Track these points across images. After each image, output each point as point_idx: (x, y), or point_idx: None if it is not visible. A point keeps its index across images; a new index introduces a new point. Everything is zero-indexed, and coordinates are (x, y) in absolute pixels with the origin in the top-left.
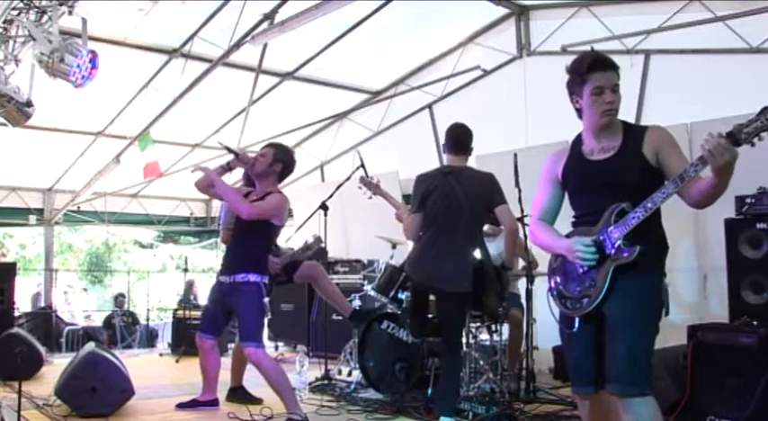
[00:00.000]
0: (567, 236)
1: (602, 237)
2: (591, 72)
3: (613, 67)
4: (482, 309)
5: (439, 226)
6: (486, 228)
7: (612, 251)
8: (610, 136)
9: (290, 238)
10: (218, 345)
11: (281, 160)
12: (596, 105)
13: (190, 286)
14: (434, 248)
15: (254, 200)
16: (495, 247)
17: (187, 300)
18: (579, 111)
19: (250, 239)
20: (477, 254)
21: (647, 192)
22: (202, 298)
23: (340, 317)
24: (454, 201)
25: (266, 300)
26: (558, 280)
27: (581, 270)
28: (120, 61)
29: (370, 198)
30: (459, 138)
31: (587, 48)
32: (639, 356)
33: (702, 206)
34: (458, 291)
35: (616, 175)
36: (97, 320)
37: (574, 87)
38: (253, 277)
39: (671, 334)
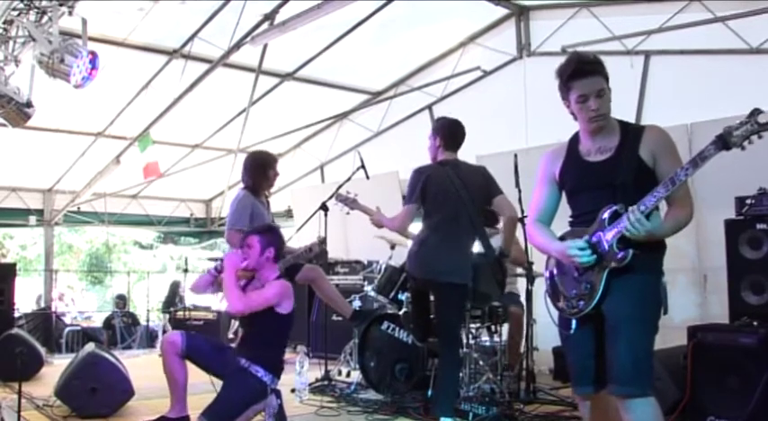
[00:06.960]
0: (562, 237)
1: (595, 239)
2: (573, 80)
3: (597, 72)
4: (482, 301)
5: (440, 217)
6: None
7: (606, 253)
8: (606, 136)
9: (291, 239)
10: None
11: (270, 244)
12: (583, 112)
13: (175, 288)
14: (435, 240)
15: (258, 287)
16: (495, 243)
17: (171, 303)
18: (574, 115)
19: (258, 329)
20: (478, 246)
21: (644, 193)
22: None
23: (340, 318)
24: (453, 191)
25: (257, 406)
26: (555, 271)
27: (576, 273)
28: (120, 62)
29: (348, 213)
30: (459, 136)
31: (587, 48)
32: (640, 356)
33: None
34: (457, 282)
35: (613, 177)
36: (97, 321)
37: (562, 93)
38: (265, 376)
39: (671, 334)
